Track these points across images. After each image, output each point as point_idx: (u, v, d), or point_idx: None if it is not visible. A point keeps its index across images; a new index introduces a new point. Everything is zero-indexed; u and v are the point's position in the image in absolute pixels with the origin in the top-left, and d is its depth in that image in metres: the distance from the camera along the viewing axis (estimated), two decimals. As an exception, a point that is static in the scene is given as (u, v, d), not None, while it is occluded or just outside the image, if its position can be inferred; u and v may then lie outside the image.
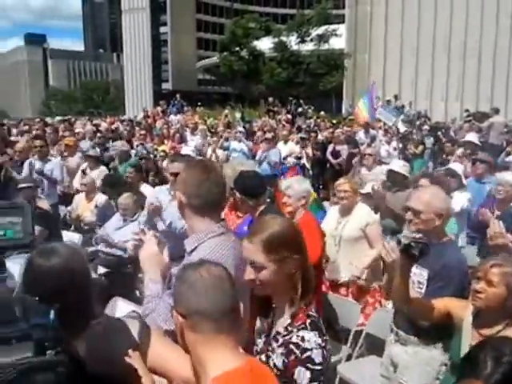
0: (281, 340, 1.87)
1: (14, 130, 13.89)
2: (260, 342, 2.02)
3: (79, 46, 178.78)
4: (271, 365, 1.86)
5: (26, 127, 14.37)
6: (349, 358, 4.03)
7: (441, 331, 2.69)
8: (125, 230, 5.45)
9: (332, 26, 36.81)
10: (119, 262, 5.31)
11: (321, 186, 11.08)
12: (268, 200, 4.16)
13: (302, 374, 1.77)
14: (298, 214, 4.15)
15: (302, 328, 1.84)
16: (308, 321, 1.86)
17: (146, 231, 2.34)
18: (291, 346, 1.81)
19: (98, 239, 5.58)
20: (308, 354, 1.78)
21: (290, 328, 1.87)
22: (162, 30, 65.15)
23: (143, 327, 1.67)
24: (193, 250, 2.18)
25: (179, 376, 1.65)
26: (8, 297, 1.07)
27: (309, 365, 1.76)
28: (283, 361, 1.83)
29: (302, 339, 1.81)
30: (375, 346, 3.92)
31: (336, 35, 36.28)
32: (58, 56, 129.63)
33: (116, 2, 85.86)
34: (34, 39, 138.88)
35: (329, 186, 9.76)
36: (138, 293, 5.14)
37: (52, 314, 1.10)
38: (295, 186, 4.27)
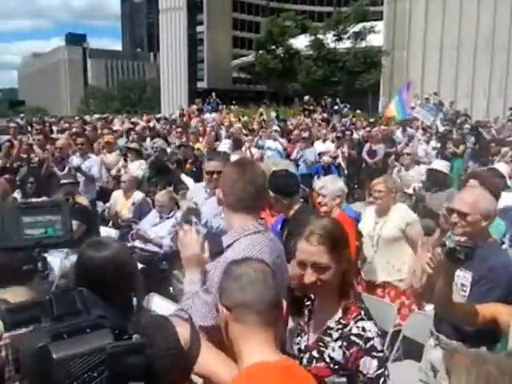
0: (336, 334, 1.88)
1: (54, 128, 14.21)
2: (301, 340, 2.02)
3: (117, 46, 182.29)
4: (327, 359, 1.88)
5: (66, 125, 14.71)
6: (385, 361, 3.94)
7: (486, 337, 2.60)
8: (161, 227, 5.53)
9: (369, 23, 36.36)
10: (155, 258, 5.37)
11: (356, 186, 10.93)
12: (301, 200, 4.14)
13: (368, 364, 1.79)
14: (334, 212, 4.13)
15: (360, 319, 1.87)
16: (362, 312, 1.90)
17: (185, 226, 2.37)
18: (353, 338, 1.83)
19: (134, 235, 5.64)
20: (371, 342, 1.81)
21: (343, 321, 1.89)
22: (199, 29, 65.64)
23: (194, 332, 1.68)
24: (228, 246, 2.21)
25: (221, 380, 1.65)
26: (68, 290, 1.09)
27: (374, 353, 1.80)
28: (343, 353, 1.84)
29: (363, 329, 1.84)
30: (412, 350, 3.82)
31: (374, 32, 35.81)
32: (96, 55, 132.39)
33: (154, 2, 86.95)
34: (75, 39, 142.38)
35: (364, 185, 9.63)
36: (171, 289, 5.18)
37: (135, 301, 1.12)
38: (329, 186, 4.25)
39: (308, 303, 2.10)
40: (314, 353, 1.93)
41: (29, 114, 28.83)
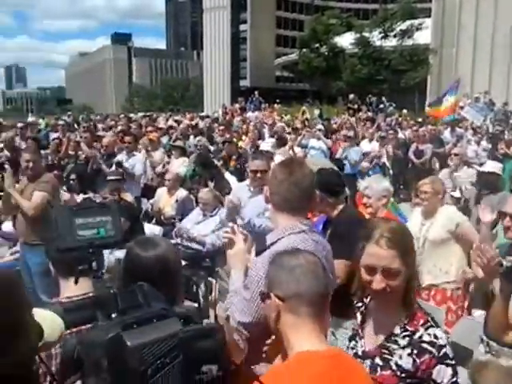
0: (403, 341, 1.83)
1: (99, 126, 14.53)
2: (357, 344, 1.98)
3: (161, 45, 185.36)
4: (394, 367, 1.82)
5: (112, 122, 15.02)
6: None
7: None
8: (204, 225, 5.53)
9: (417, 21, 35.63)
10: (198, 256, 5.39)
11: (401, 186, 10.72)
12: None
13: (443, 372, 1.75)
14: (380, 213, 4.04)
15: (430, 326, 1.82)
16: (429, 318, 1.85)
17: (235, 229, 2.39)
18: (425, 345, 1.78)
19: (177, 232, 5.68)
20: (444, 350, 1.77)
21: (409, 328, 1.84)
22: (242, 27, 65.94)
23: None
24: (272, 244, 2.21)
25: None
26: (131, 286, 1.13)
27: (447, 361, 1.76)
28: (413, 361, 1.79)
29: (435, 337, 1.79)
30: (460, 356, 3.70)
31: (421, 29, 35.07)
32: (141, 54, 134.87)
33: (198, 1, 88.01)
34: (120, 38, 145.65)
35: (410, 186, 9.43)
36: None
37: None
38: (374, 186, 4.18)
39: (359, 305, 2.06)
40: (378, 360, 1.87)
41: (75, 112, 29.67)
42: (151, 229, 6.13)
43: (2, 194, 5.33)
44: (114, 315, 1.05)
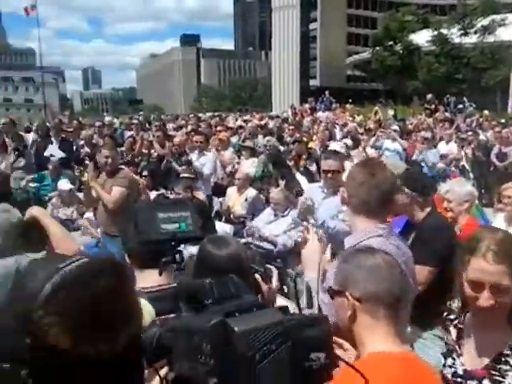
0: None
1: (170, 125, 14.87)
2: (455, 362, 1.84)
3: (229, 45, 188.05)
4: None
5: (183, 122, 15.37)
6: None
7: None
8: (276, 225, 5.50)
9: (499, 16, 33.92)
10: (269, 256, 5.33)
11: (483, 191, 10.17)
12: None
13: None
14: (461, 219, 3.81)
15: None
16: None
17: (310, 228, 2.36)
18: None
19: (248, 231, 5.67)
20: None
21: None
22: (312, 26, 65.57)
23: None
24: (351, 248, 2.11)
25: None
26: (222, 278, 1.13)
27: None
28: None
29: None
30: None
31: (504, 25, 33.36)
32: (209, 55, 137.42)
33: (266, 1, 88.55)
34: (189, 40, 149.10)
35: (493, 190, 8.93)
36: (285, 288, 5.12)
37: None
38: (456, 189, 3.95)
39: (451, 317, 1.92)
40: (486, 382, 1.73)
41: (146, 112, 30.64)
42: (222, 227, 6.17)
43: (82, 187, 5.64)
44: (207, 304, 1.05)
